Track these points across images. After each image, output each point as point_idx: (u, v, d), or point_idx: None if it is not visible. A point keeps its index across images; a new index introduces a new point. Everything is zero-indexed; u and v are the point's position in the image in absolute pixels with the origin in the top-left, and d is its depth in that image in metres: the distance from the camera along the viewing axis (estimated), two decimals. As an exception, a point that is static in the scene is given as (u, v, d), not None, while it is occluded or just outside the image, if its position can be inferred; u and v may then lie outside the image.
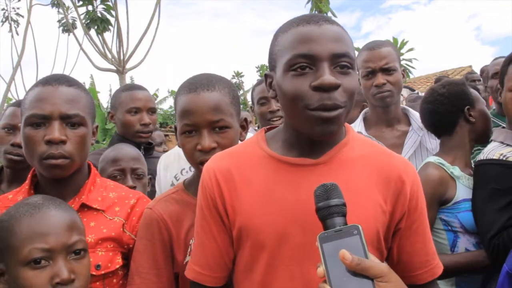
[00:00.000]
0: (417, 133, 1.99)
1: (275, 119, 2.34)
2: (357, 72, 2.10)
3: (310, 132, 0.94)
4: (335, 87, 0.90)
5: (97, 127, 1.35)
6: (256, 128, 2.73)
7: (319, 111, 0.90)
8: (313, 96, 0.90)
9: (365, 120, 2.13)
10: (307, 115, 0.91)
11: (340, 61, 0.92)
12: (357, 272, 0.74)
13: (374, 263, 0.74)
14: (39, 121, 1.20)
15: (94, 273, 1.17)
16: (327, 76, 0.89)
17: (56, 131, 1.18)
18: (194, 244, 1.08)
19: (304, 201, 0.94)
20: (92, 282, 1.16)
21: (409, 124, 2.05)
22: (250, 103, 2.85)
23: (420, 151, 1.98)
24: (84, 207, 1.26)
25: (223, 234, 1.02)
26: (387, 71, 1.94)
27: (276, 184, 0.98)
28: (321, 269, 0.76)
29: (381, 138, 2.03)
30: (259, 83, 2.49)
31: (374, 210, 0.98)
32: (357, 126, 2.10)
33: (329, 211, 0.81)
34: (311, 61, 0.91)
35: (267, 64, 1.05)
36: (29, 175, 1.31)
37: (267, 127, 1.13)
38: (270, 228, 0.96)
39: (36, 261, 1.00)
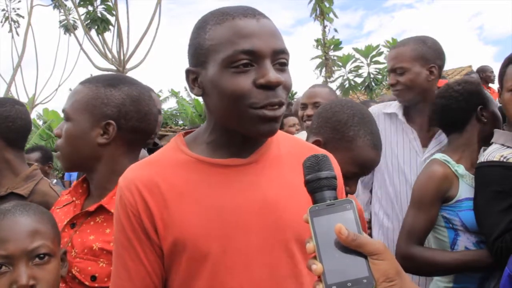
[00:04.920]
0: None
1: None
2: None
3: (253, 131, 0.89)
4: (279, 84, 0.87)
5: (108, 124, 1.23)
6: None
7: (265, 109, 0.87)
8: (258, 94, 0.86)
9: (406, 108, 2.14)
10: (251, 114, 0.87)
11: (280, 58, 0.89)
12: (350, 249, 0.67)
13: (370, 240, 0.68)
14: None
15: (87, 283, 1.14)
16: (273, 73, 0.86)
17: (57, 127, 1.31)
18: (116, 268, 0.96)
19: (241, 203, 0.90)
20: None
21: None
22: None
23: None
24: (108, 212, 1.19)
25: (151, 255, 0.92)
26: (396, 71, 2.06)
27: (209, 188, 0.91)
28: (311, 245, 0.69)
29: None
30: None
31: (309, 203, 0.97)
32: (393, 106, 2.16)
33: (319, 183, 0.75)
34: (253, 58, 0.86)
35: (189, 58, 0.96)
36: None
37: (185, 131, 1.05)
38: (211, 236, 0.89)
39: None
